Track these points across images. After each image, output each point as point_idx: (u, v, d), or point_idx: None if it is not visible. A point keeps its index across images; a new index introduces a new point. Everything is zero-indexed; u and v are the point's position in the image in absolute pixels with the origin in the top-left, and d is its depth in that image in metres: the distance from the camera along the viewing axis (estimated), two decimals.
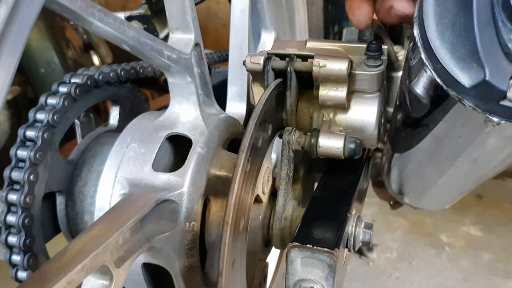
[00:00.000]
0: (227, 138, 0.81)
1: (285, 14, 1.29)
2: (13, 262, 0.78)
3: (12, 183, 0.77)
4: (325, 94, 0.78)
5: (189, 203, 0.71)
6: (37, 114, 0.80)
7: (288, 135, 0.78)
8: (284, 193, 0.80)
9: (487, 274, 2.10)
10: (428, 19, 0.56)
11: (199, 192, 0.72)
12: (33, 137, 0.78)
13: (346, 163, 0.81)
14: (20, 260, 0.77)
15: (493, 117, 0.55)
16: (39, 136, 0.78)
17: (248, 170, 0.67)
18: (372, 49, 0.78)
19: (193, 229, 0.72)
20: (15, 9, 0.42)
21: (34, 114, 0.80)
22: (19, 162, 0.77)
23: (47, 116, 0.79)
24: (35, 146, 0.77)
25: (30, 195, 0.76)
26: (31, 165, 0.76)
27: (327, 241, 0.65)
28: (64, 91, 0.84)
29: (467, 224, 2.41)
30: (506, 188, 2.57)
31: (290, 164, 0.79)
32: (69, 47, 1.83)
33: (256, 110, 0.69)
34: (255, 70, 0.80)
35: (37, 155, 0.77)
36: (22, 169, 0.76)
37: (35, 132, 0.78)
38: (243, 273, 0.72)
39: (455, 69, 0.55)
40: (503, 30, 0.51)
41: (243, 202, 0.67)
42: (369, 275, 2.13)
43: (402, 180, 1.18)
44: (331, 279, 0.64)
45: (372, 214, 2.41)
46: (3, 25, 0.41)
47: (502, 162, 0.81)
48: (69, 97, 0.83)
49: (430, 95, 0.65)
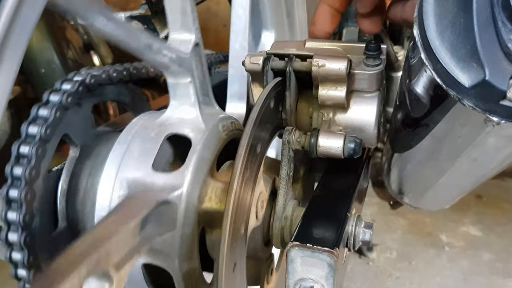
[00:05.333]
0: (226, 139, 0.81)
1: (285, 14, 1.30)
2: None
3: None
4: (324, 93, 0.78)
5: (189, 204, 0.71)
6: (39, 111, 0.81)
7: (288, 134, 0.78)
8: (284, 192, 0.80)
9: (487, 274, 2.10)
10: (428, 19, 0.56)
11: (198, 192, 0.72)
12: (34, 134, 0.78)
13: (346, 162, 0.82)
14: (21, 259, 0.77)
15: (493, 117, 0.55)
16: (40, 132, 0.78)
17: (247, 175, 0.67)
18: (371, 49, 0.78)
19: (193, 229, 0.72)
20: (17, 11, 0.42)
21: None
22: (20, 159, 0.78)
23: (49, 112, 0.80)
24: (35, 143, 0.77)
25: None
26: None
27: (327, 240, 0.65)
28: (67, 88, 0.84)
29: (467, 224, 2.41)
30: (506, 188, 2.57)
31: (290, 164, 0.79)
32: (69, 47, 1.82)
33: (252, 115, 0.69)
34: (254, 70, 0.80)
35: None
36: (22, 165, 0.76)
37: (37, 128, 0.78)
38: (243, 276, 0.72)
39: (455, 69, 0.55)
40: (503, 30, 0.51)
41: (242, 204, 0.67)
42: (369, 275, 2.13)
43: (402, 180, 1.18)
44: (331, 279, 0.64)
45: (372, 214, 2.41)
46: (5, 28, 0.42)
47: (502, 162, 0.81)
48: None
49: (430, 95, 0.65)
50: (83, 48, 1.89)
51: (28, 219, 0.74)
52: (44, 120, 0.76)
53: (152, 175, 0.72)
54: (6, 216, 0.74)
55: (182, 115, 0.78)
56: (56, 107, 0.77)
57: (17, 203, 0.74)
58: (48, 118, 0.77)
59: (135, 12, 1.35)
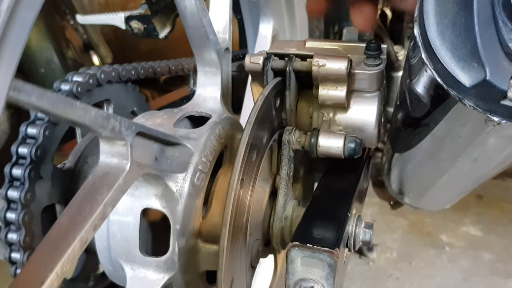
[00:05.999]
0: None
1: (284, 2, 1.29)
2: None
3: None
4: (324, 93, 0.78)
5: (203, 153, 0.74)
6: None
7: (288, 134, 0.78)
8: (284, 192, 0.80)
9: (487, 274, 2.10)
10: (429, 18, 0.56)
11: (213, 148, 0.76)
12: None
13: (346, 162, 0.81)
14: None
15: (494, 116, 0.55)
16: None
17: (248, 166, 0.67)
18: (371, 48, 0.78)
19: (202, 177, 0.74)
20: (15, 11, 0.42)
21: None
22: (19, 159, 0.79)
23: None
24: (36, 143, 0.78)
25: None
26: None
27: (328, 240, 0.65)
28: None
29: (467, 224, 2.41)
30: (506, 188, 2.56)
31: (290, 164, 0.79)
32: (69, 47, 1.83)
33: (251, 116, 0.69)
34: (254, 70, 0.80)
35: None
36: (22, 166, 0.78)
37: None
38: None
39: (456, 68, 0.55)
40: (503, 29, 0.51)
41: (241, 203, 0.67)
42: (369, 275, 2.13)
43: (402, 180, 1.17)
44: (331, 279, 0.63)
45: (372, 214, 2.41)
46: (3, 27, 0.41)
47: (502, 162, 0.80)
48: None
49: (430, 95, 0.65)
50: (83, 47, 1.89)
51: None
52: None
53: (173, 129, 0.76)
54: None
55: (207, 99, 0.85)
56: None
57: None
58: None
59: (135, 12, 1.35)
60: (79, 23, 1.79)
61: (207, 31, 0.80)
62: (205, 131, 0.76)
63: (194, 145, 0.74)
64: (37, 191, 0.82)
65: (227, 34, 0.87)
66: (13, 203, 0.81)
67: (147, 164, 0.64)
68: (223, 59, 0.85)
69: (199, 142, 0.74)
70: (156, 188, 0.70)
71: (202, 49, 0.83)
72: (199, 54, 0.84)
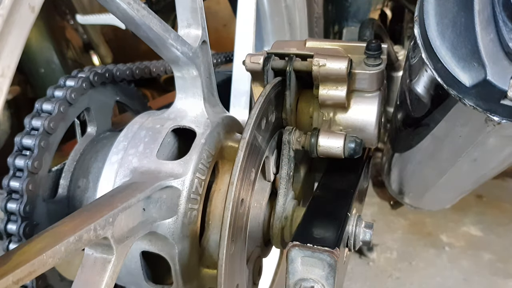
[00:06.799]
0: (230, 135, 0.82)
1: (286, 21, 1.29)
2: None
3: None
4: (325, 93, 0.78)
5: (191, 190, 0.72)
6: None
7: (288, 134, 0.78)
8: (285, 192, 0.80)
9: (487, 274, 2.10)
10: (429, 18, 0.56)
11: (201, 178, 0.74)
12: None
13: (346, 162, 0.81)
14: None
15: (494, 116, 0.55)
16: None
17: (248, 164, 0.67)
18: (372, 48, 0.78)
19: (194, 215, 0.73)
20: (14, 9, 0.42)
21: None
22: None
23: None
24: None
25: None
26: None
27: (328, 240, 0.65)
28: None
29: (467, 224, 2.40)
30: (506, 188, 2.56)
31: (290, 164, 0.79)
32: (69, 47, 1.82)
33: (251, 117, 0.69)
34: (254, 69, 0.80)
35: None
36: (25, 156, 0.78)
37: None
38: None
39: (456, 68, 0.55)
40: (503, 29, 0.51)
41: (239, 220, 0.67)
42: (369, 275, 2.13)
43: (402, 180, 1.17)
44: (331, 279, 0.63)
45: (372, 214, 2.41)
46: (2, 26, 0.41)
47: (502, 162, 0.81)
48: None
49: (430, 95, 0.65)
50: (83, 47, 1.89)
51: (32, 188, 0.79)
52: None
53: (156, 162, 0.73)
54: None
55: (187, 109, 0.80)
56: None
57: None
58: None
59: None
60: (79, 23, 1.79)
61: (173, 44, 0.72)
62: (191, 160, 0.73)
63: (181, 184, 0.71)
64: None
65: (200, 27, 0.78)
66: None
67: (134, 228, 0.64)
68: (200, 56, 0.78)
69: (187, 178, 0.71)
70: (150, 236, 0.71)
71: (174, 60, 0.76)
72: (171, 63, 0.77)
